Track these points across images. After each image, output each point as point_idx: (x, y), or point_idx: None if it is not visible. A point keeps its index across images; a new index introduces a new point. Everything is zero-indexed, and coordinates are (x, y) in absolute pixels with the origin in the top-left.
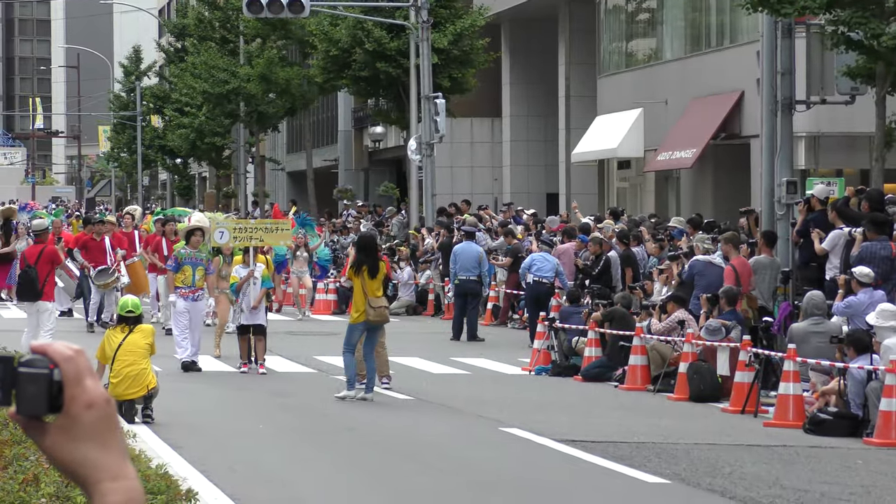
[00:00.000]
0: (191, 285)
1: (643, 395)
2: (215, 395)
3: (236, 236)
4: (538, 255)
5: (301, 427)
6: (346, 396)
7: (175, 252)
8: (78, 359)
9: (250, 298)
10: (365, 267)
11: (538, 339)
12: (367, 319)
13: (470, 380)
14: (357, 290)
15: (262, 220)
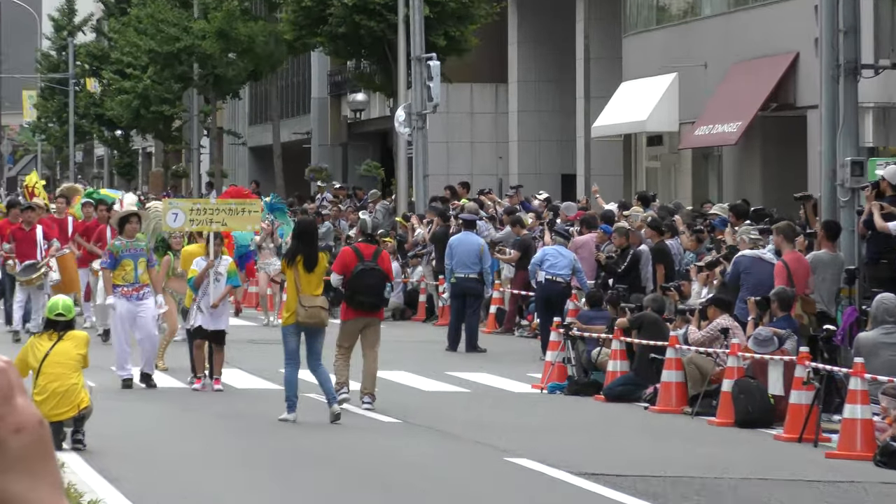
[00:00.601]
0: (133, 282)
1: (679, 419)
2: (160, 416)
3: (193, 219)
4: (551, 248)
5: (261, 454)
6: (287, 419)
7: (109, 245)
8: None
9: (210, 297)
10: (300, 257)
11: (551, 350)
12: (298, 321)
13: (469, 399)
14: (289, 286)
15: (225, 200)
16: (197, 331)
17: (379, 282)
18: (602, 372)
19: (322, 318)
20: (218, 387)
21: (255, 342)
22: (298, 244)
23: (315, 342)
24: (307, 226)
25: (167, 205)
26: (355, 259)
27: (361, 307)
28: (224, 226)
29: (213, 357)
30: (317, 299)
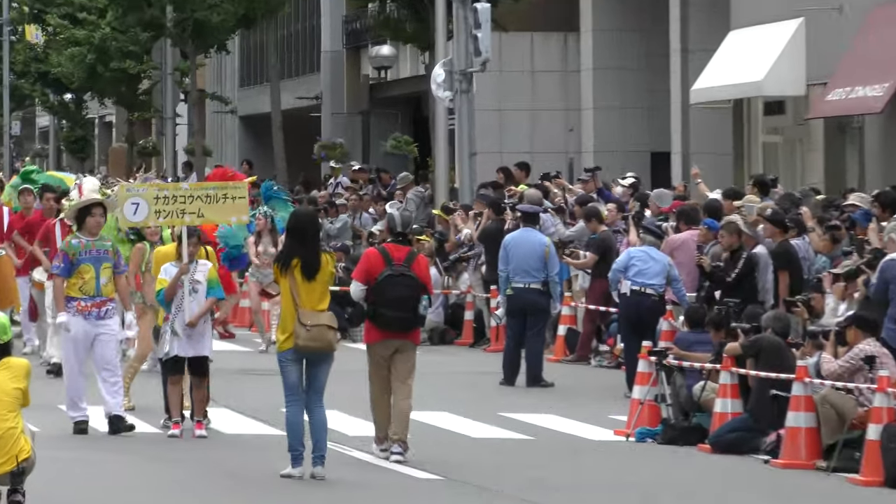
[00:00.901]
0: (94, 295)
1: (810, 477)
2: (125, 472)
3: (159, 210)
4: (639, 250)
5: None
6: (292, 475)
7: (63, 245)
8: None
9: (186, 314)
10: (296, 261)
11: (640, 385)
12: (296, 345)
13: (531, 449)
14: (285, 300)
15: (200, 184)
16: (172, 362)
17: (412, 293)
18: (707, 414)
19: (329, 340)
20: (201, 432)
21: (248, 373)
22: (293, 244)
23: (318, 373)
24: (304, 219)
25: (124, 192)
26: (382, 263)
27: (388, 326)
28: (200, 218)
29: (194, 393)
30: (321, 316)
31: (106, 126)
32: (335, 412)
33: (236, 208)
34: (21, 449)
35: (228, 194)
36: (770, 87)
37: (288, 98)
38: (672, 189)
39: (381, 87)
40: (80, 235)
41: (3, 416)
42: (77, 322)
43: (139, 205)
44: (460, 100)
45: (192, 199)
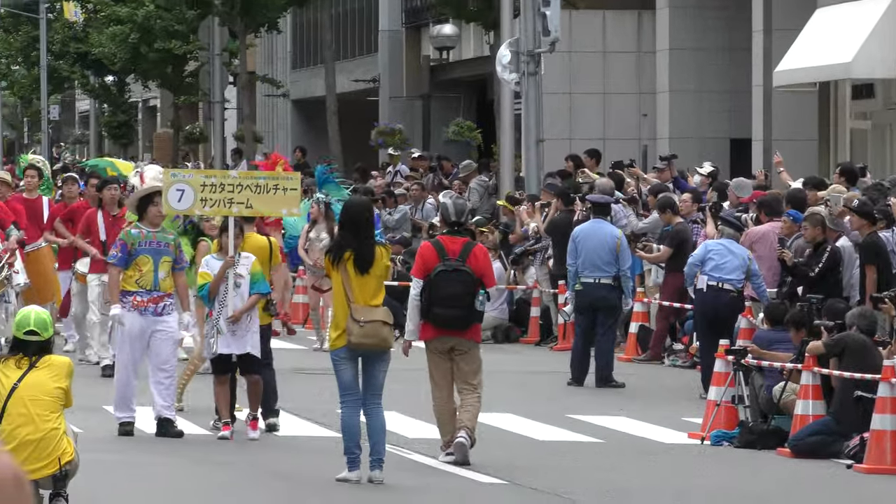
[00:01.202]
0: (151, 289)
1: (895, 482)
2: (172, 475)
3: (205, 198)
4: (717, 243)
5: None
6: (348, 479)
7: (122, 234)
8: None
9: (229, 309)
10: (349, 254)
11: (716, 386)
12: (349, 342)
13: (601, 452)
14: (337, 295)
15: (249, 173)
16: (218, 360)
17: (466, 289)
18: (787, 416)
19: (383, 336)
20: (253, 434)
21: (303, 371)
22: (346, 235)
23: (374, 371)
24: (358, 209)
25: (169, 178)
26: (436, 257)
27: (443, 323)
28: (248, 209)
29: (248, 391)
30: (375, 311)
31: (150, 110)
32: (393, 413)
33: (287, 200)
34: (64, 451)
35: (280, 185)
36: (859, 69)
37: (343, 81)
38: (752, 178)
39: (443, 68)
40: (140, 225)
41: (44, 416)
42: (132, 318)
43: (184, 191)
44: (527, 82)
45: (241, 189)
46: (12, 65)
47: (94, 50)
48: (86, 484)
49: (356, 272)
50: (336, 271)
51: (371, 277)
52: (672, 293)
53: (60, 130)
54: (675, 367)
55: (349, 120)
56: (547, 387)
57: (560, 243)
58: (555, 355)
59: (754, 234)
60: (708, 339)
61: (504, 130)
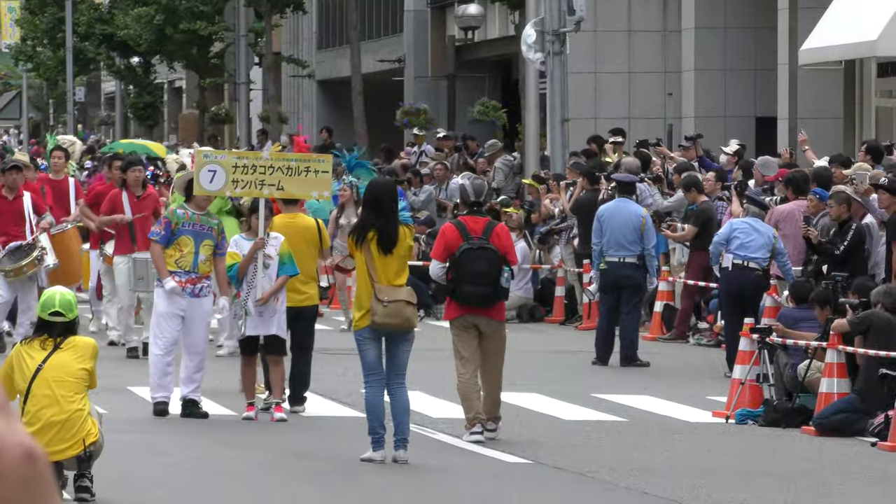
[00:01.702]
0: (190, 270)
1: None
2: (198, 456)
3: (237, 180)
4: (741, 221)
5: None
6: (373, 459)
7: (167, 213)
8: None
9: (257, 290)
10: (372, 234)
11: (741, 365)
12: (373, 322)
13: (626, 431)
14: (360, 275)
15: (282, 155)
16: (247, 341)
17: (492, 266)
18: (812, 394)
19: (407, 316)
20: (280, 415)
21: (327, 352)
22: (369, 215)
23: (398, 351)
24: (381, 189)
25: (201, 158)
26: (458, 237)
27: (468, 302)
28: (280, 191)
29: (271, 374)
30: (399, 291)
31: (175, 92)
32: (418, 393)
33: (319, 182)
34: (88, 432)
35: (311, 167)
36: (884, 47)
37: (369, 61)
38: (777, 157)
39: (468, 48)
40: (186, 206)
41: (68, 397)
42: (170, 297)
43: (216, 172)
44: (552, 62)
45: (273, 171)
46: (38, 46)
47: (120, 31)
48: (110, 465)
49: (380, 252)
50: (360, 251)
51: (394, 257)
52: (697, 272)
53: (86, 112)
54: (699, 345)
55: (374, 100)
56: (572, 366)
57: (585, 222)
58: (579, 335)
59: (780, 213)
60: (733, 318)
61: (529, 110)
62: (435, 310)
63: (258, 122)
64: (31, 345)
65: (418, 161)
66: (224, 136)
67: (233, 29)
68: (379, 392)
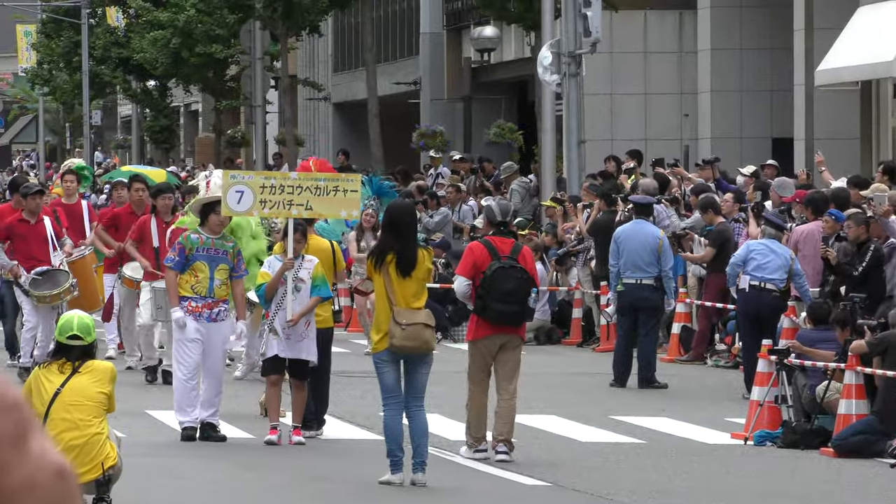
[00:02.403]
0: (206, 295)
1: None
2: (216, 479)
3: (265, 200)
4: (759, 243)
5: None
6: (391, 482)
7: (181, 238)
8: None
9: (287, 312)
10: (391, 256)
11: (759, 386)
12: (392, 345)
13: (644, 454)
14: (379, 298)
15: (310, 175)
16: (270, 362)
17: (521, 286)
18: (830, 415)
19: (426, 339)
20: (298, 438)
21: (345, 374)
22: (388, 238)
23: (417, 374)
24: (400, 212)
25: (228, 179)
26: (488, 256)
27: (500, 320)
28: (308, 210)
29: (293, 397)
30: (418, 314)
31: (192, 115)
32: (436, 415)
33: (347, 202)
34: (107, 456)
35: (340, 187)
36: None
37: (385, 83)
38: (794, 178)
39: (484, 70)
40: (200, 231)
41: (87, 421)
42: (188, 322)
43: (243, 193)
44: (568, 84)
45: (301, 191)
46: (54, 70)
47: (136, 55)
48: (129, 488)
49: (398, 275)
50: (378, 274)
51: (413, 280)
52: (714, 293)
53: (102, 135)
54: (717, 367)
55: (391, 122)
56: (589, 388)
57: (602, 244)
58: (597, 356)
59: (799, 233)
60: (751, 339)
61: (545, 132)
62: (452, 333)
63: (274, 145)
64: (49, 369)
65: (434, 183)
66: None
67: (248, 52)
68: (398, 415)
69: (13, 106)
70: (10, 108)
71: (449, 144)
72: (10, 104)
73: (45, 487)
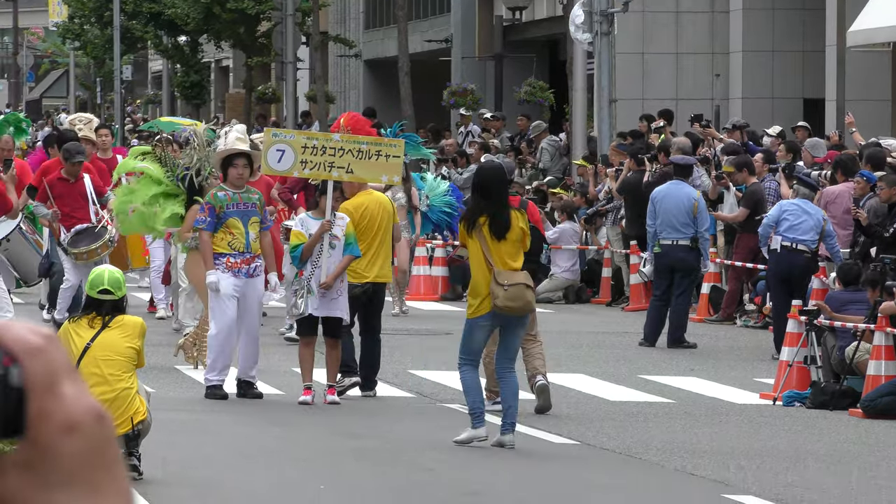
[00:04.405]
0: (244, 251)
1: None
2: (246, 436)
3: (306, 160)
4: (791, 203)
5: (388, 489)
6: (472, 439)
7: (208, 197)
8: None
9: (322, 272)
10: (484, 219)
11: (789, 347)
12: (495, 307)
13: (673, 413)
14: (475, 262)
15: (353, 137)
16: (306, 321)
17: (536, 244)
18: (860, 377)
19: (528, 299)
20: (332, 398)
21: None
22: (480, 200)
23: (512, 336)
24: (490, 174)
25: (270, 137)
26: None
27: None
28: (349, 174)
29: (327, 356)
30: (517, 275)
31: (222, 71)
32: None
33: (389, 167)
34: (136, 411)
35: (382, 151)
36: None
37: (416, 41)
38: (826, 138)
39: (516, 29)
40: (225, 187)
41: (117, 376)
42: (227, 279)
43: (284, 152)
44: (600, 43)
45: (343, 153)
46: (85, 25)
47: (167, 10)
48: (158, 443)
49: (492, 237)
50: (472, 238)
51: (508, 242)
52: (745, 254)
53: (133, 90)
54: (747, 327)
55: (421, 80)
56: (619, 347)
57: (632, 203)
58: (626, 316)
59: (830, 194)
60: (781, 300)
61: (576, 90)
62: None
63: (305, 102)
64: (80, 323)
65: (465, 141)
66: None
67: (280, 8)
68: (476, 373)
69: (44, 60)
70: (41, 62)
71: (480, 102)
72: (41, 58)
73: (85, 429)
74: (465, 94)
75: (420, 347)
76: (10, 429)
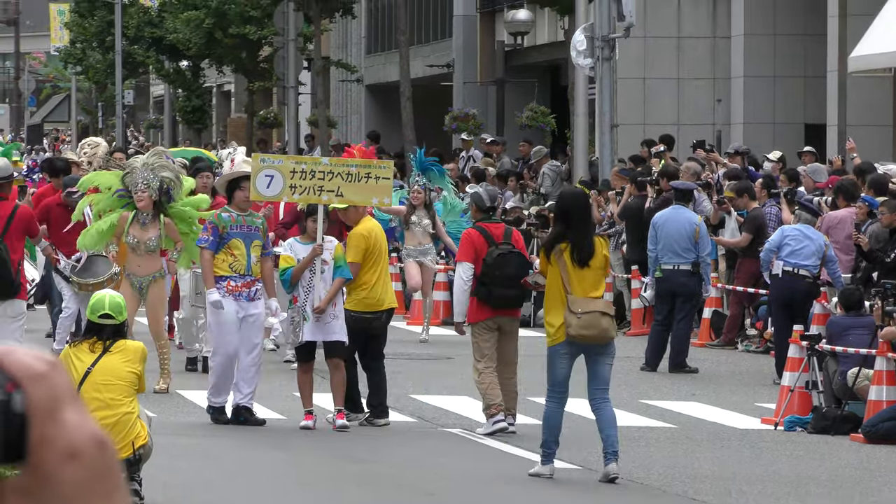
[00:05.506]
0: (245, 274)
1: None
2: (248, 460)
3: (295, 185)
4: (793, 228)
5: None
6: (541, 474)
7: (212, 217)
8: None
9: (315, 297)
10: (565, 245)
11: (790, 372)
12: (569, 335)
13: (674, 438)
14: (552, 288)
15: (341, 160)
16: (305, 348)
17: (522, 270)
18: (861, 402)
19: (604, 327)
20: (342, 422)
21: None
22: (563, 227)
23: (599, 366)
24: (571, 200)
25: (258, 163)
26: (485, 242)
27: (501, 303)
28: (339, 197)
29: (331, 380)
30: (595, 302)
31: (224, 95)
32: (464, 398)
33: (379, 189)
34: (137, 435)
35: (372, 173)
36: None
37: (418, 66)
38: (828, 164)
39: (517, 54)
40: (229, 209)
41: (118, 400)
42: (228, 303)
43: (273, 178)
44: (602, 68)
45: (332, 176)
46: (87, 49)
47: (169, 35)
48: (159, 468)
49: (574, 265)
50: (552, 265)
51: (591, 270)
52: (746, 278)
53: (135, 115)
54: (748, 352)
55: (423, 105)
56: (620, 372)
57: (633, 228)
58: (628, 340)
59: (832, 219)
60: (782, 325)
61: (578, 115)
62: None
63: (306, 127)
64: (80, 347)
65: (466, 166)
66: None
67: (282, 33)
68: (560, 408)
69: (45, 85)
70: (43, 86)
71: (481, 127)
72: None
73: (86, 457)
74: (467, 119)
75: (421, 372)
76: (12, 454)
